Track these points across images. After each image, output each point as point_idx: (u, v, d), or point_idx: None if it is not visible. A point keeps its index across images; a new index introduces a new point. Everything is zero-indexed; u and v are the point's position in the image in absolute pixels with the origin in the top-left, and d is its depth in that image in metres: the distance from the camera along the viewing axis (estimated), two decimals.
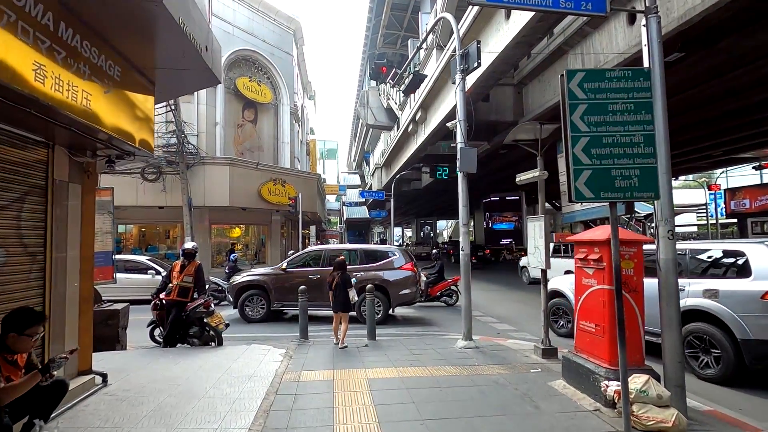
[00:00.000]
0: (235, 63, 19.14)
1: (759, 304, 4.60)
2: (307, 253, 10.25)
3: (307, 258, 9.92)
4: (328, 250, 10.08)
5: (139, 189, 15.36)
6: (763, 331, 4.53)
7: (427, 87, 16.24)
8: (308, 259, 9.89)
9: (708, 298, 4.99)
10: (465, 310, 6.50)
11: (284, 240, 24.67)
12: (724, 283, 5.00)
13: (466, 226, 6.69)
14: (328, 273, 8.37)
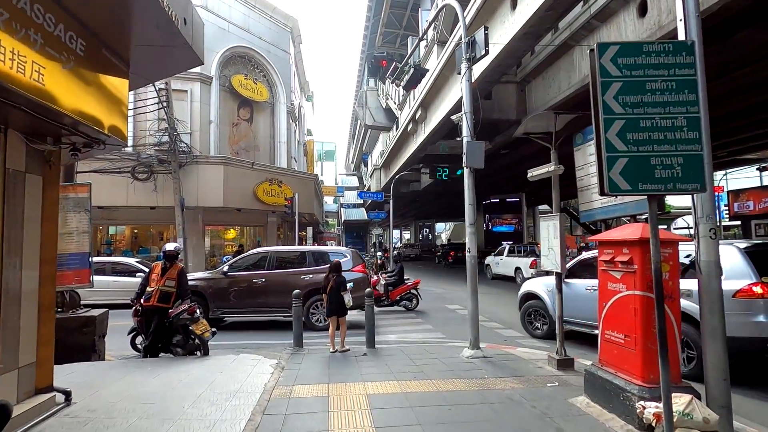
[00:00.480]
0: (230, 60, 18.68)
1: (731, 303, 4.55)
2: (251, 255, 9.54)
3: (252, 260, 9.18)
4: (275, 252, 9.50)
5: (130, 189, 14.83)
6: (736, 329, 4.43)
7: (428, 84, 15.80)
8: (253, 261, 9.15)
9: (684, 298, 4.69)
10: (472, 316, 6.01)
11: (281, 242, 24.15)
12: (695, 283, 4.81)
13: (472, 225, 6.21)
14: (279, 275, 8.49)
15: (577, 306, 6.38)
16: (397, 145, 23.52)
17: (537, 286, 7.61)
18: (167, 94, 14.48)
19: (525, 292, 7.89)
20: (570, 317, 6.75)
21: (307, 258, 9.12)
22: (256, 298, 8.52)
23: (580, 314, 6.39)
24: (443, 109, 14.99)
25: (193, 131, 16.91)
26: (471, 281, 6.08)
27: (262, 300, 8.55)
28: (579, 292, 6.48)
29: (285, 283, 8.52)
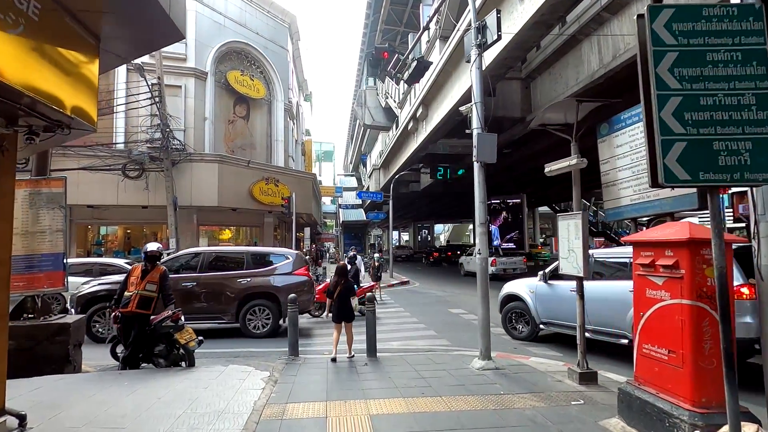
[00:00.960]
0: (226, 55, 18.18)
1: None
2: (182, 255, 8.69)
3: (181, 262, 8.32)
4: (209, 253, 8.68)
5: (120, 187, 14.29)
6: None
7: (429, 81, 15.33)
8: (182, 263, 8.28)
9: None
10: (482, 324, 5.52)
11: (278, 243, 23.61)
12: None
13: (483, 225, 5.71)
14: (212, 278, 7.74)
15: (562, 308, 6.35)
16: (397, 144, 23.04)
17: (519, 288, 7.52)
18: (160, 89, 13.97)
19: (506, 294, 7.77)
20: (554, 319, 6.73)
21: (245, 260, 8.37)
22: (185, 303, 7.38)
23: (565, 316, 6.31)
24: (446, 106, 14.52)
25: (187, 128, 16.38)
26: (482, 286, 5.59)
27: (192, 306, 7.66)
28: (563, 294, 6.35)
29: (219, 287, 7.94)
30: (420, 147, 18.68)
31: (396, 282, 18.43)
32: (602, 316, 5.74)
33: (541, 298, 6.99)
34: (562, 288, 6.47)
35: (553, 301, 6.73)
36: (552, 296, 6.74)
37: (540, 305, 7.00)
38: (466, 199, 35.03)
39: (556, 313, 6.68)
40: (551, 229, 58.09)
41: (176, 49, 16.30)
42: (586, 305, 5.62)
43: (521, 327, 7.51)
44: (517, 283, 7.78)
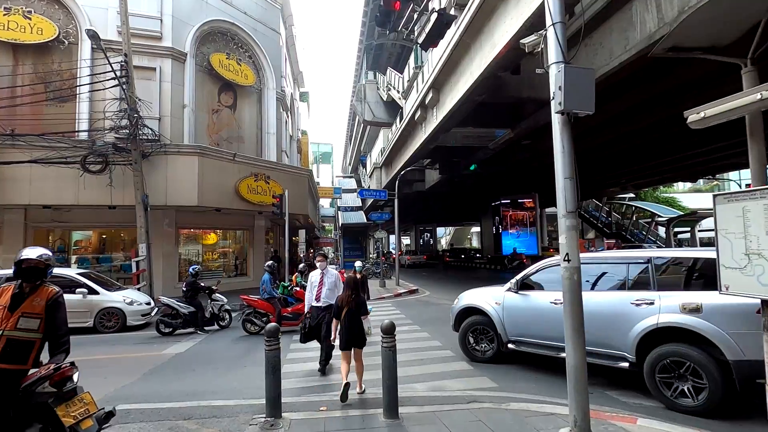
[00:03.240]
0: (209, 36, 16.08)
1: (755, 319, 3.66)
2: None
3: None
4: None
5: (80, 183, 12.12)
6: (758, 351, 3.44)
7: (442, 59, 13.25)
8: None
9: (688, 314, 4.29)
10: (575, 373, 3.38)
11: (271, 248, 21.44)
12: (707, 296, 4.21)
13: (572, 215, 3.56)
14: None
15: (539, 324, 5.60)
16: (401, 138, 20.95)
17: (480, 299, 6.48)
18: (126, 67, 11.85)
19: (464, 307, 6.68)
20: (527, 337, 5.79)
21: None
22: None
23: (542, 333, 5.57)
24: (462, 85, 12.43)
25: (162, 116, 14.23)
26: (572, 314, 3.45)
27: None
28: (539, 306, 5.60)
29: None
30: (429, 138, 16.58)
31: (404, 291, 16.27)
32: (595, 333, 4.72)
33: (510, 312, 5.98)
34: (538, 300, 5.68)
35: (525, 316, 5.80)
36: (525, 309, 5.81)
37: (509, 320, 5.99)
38: (472, 199, 33.04)
39: (529, 329, 5.75)
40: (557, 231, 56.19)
41: (149, 25, 14.22)
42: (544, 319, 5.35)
43: (484, 346, 6.35)
44: (477, 294, 6.69)
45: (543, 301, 5.59)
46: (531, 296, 5.82)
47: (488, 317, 6.23)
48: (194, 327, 9.44)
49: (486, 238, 35.77)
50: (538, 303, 5.66)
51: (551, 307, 5.34)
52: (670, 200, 44.15)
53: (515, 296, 5.97)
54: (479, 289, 7.15)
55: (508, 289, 6.10)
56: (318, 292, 5.95)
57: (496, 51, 9.83)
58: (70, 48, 13.71)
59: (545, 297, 5.57)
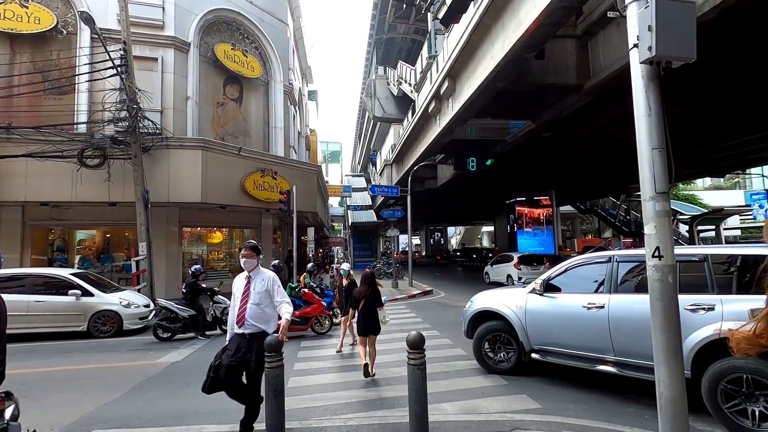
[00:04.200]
0: (213, 26, 15.41)
1: None
2: None
3: None
4: None
5: (76, 178, 11.49)
6: None
7: (459, 44, 12.39)
8: None
9: None
10: (670, 400, 2.53)
11: (280, 248, 20.75)
12: None
13: (663, 197, 2.69)
14: None
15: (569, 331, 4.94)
16: (413, 133, 20.11)
17: (498, 302, 5.76)
18: (126, 56, 11.20)
19: (479, 310, 5.93)
20: (555, 346, 5.08)
21: None
22: None
23: (574, 342, 4.90)
24: (482, 72, 11.56)
25: (164, 109, 13.58)
26: (666, 329, 2.59)
27: None
28: (570, 311, 4.93)
29: None
30: (443, 131, 15.72)
31: (417, 292, 15.44)
32: (640, 344, 4.06)
33: (534, 317, 5.28)
34: (568, 303, 4.99)
35: (553, 321, 5.10)
36: (552, 314, 5.12)
37: (533, 326, 5.28)
38: (486, 197, 31.98)
39: (558, 337, 5.05)
40: (570, 230, 54.77)
41: (150, 13, 13.58)
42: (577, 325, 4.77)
43: (502, 355, 5.64)
44: (495, 296, 6.02)
45: (574, 304, 4.89)
46: (559, 299, 5.11)
47: (508, 322, 5.51)
48: (195, 331, 8.73)
49: (500, 238, 34.69)
50: (569, 307, 4.95)
51: (584, 313, 4.71)
52: (690, 198, 42.63)
53: (540, 299, 5.24)
54: (496, 290, 6.55)
55: (531, 291, 5.41)
56: (241, 309, 3.69)
57: (522, 29, 8.95)
58: (68, 38, 13.12)
59: (577, 300, 4.89)
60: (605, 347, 4.61)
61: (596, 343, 4.67)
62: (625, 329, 4.43)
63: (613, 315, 4.56)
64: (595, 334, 4.68)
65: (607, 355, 4.61)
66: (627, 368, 4.44)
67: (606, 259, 5.00)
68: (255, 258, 3.82)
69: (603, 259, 5.06)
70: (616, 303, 4.59)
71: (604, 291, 4.81)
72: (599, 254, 5.30)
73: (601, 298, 4.75)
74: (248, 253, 3.80)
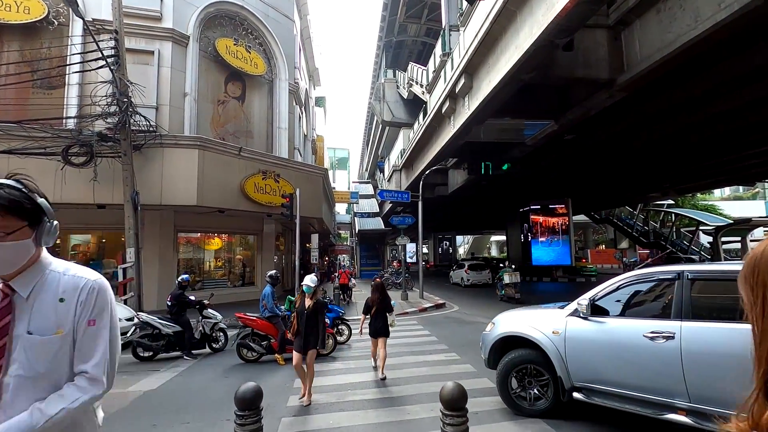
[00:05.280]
0: (215, 20, 14.58)
1: None
2: None
3: None
4: None
5: (58, 177, 10.56)
6: None
7: (478, 36, 11.38)
8: None
9: None
10: None
11: (284, 255, 19.73)
12: None
13: None
14: None
15: (625, 366, 3.90)
16: (425, 136, 19.08)
17: (527, 325, 4.75)
18: (117, 46, 10.33)
19: (503, 336, 4.92)
20: (605, 384, 4.03)
21: None
22: None
23: (631, 381, 3.84)
24: (504, 64, 10.52)
25: (160, 105, 12.69)
26: None
27: None
28: (626, 340, 3.91)
29: None
30: (458, 132, 14.66)
31: (429, 305, 14.28)
32: (720, 386, 3.23)
33: (576, 346, 4.29)
34: (622, 331, 4.00)
35: (602, 353, 4.09)
36: (601, 344, 4.12)
37: (574, 358, 4.29)
38: (499, 204, 30.76)
39: (609, 373, 4.04)
40: (583, 240, 53.18)
41: (148, 4, 12.76)
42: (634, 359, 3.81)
43: (534, 393, 4.62)
44: (523, 317, 4.97)
45: (632, 332, 3.91)
46: (611, 325, 4.12)
47: (540, 351, 4.52)
48: (180, 350, 7.68)
49: (513, 248, 33.42)
50: (624, 335, 3.97)
51: (646, 344, 3.76)
52: (709, 208, 41.03)
53: (584, 324, 4.26)
54: (522, 310, 5.56)
55: (572, 313, 4.42)
56: None
57: (556, 10, 7.90)
58: (60, 29, 12.33)
59: (635, 327, 3.93)
60: (676, 390, 3.58)
61: (663, 383, 3.67)
62: (706, 367, 3.46)
63: (688, 348, 3.54)
64: (662, 371, 3.66)
65: (679, 400, 3.58)
66: (707, 420, 3.42)
67: (673, 276, 3.95)
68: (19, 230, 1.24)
69: (669, 275, 4.02)
70: (691, 332, 3.59)
71: (673, 316, 3.77)
72: (663, 269, 4.22)
73: (669, 325, 3.72)
74: None
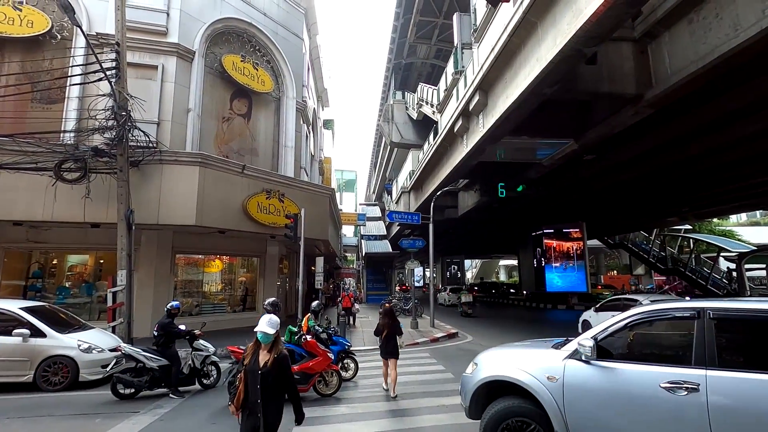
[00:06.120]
0: (222, 36, 14.28)
1: None
2: None
3: None
4: None
5: (54, 194, 9.97)
6: None
7: (495, 51, 10.85)
8: None
9: None
10: None
11: (288, 279, 18.93)
12: None
13: None
14: None
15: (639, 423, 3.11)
16: (435, 156, 18.49)
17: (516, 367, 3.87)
18: (118, 59, 9.90)
19: (488, 380, 4.01)
20: None
21: None
22: None
23: None
24: (523, 79, 9.91)
25: (162, 121, 12.22)
26: None
27: None
28: (637, 392, 3.15)
29: None
30: (472, 152, 14.01)
31: (441, 335, 13.29)
32: None
33: (578, 396, 3.44)
34: (632, 379, 3.21)
35: (610, 406, 3.28)
36: (608, 395, 3.29)
37: (575, 410, 3.44)
38: (510, 227, 29.81)
39: (618, 430, 3.22)
40: (596, 265, 51.66)
41: (154, 19, 12.47)
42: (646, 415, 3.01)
43: None
44: (511, 357, 4.14)
45: (644, 381, 3.18)
46: (619, 371, 3.33)
47: (535, 402, 3.66)
48: (166, 387, 6.83)
49: (525, 272, 32.30)
50: (636, 385, 3.22)
51: (664, 397, 3.04)
52: (728, 233, 39.68)
53: (587, 370, 3.47)
54: (510, 348, 4.60)
55: (571, 355, 3.62)
56: None
57: (584, 17, 7.30)
58: (63, 43, 12.03)
59: (648, 375, 3.18)
60: None
61: None
62: (740, 427, 2.81)
63: (716, 403, 2.86)
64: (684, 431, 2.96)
65: None
66: None
67: (692, 313, 3.21)
68: None
69: (686, 313, 3.26)
70: (718, 384, 2.91)
71: (695, 363, 3.05)
72: (679, 305, 3.42)
73: (691, 374, 3.00)
74: None
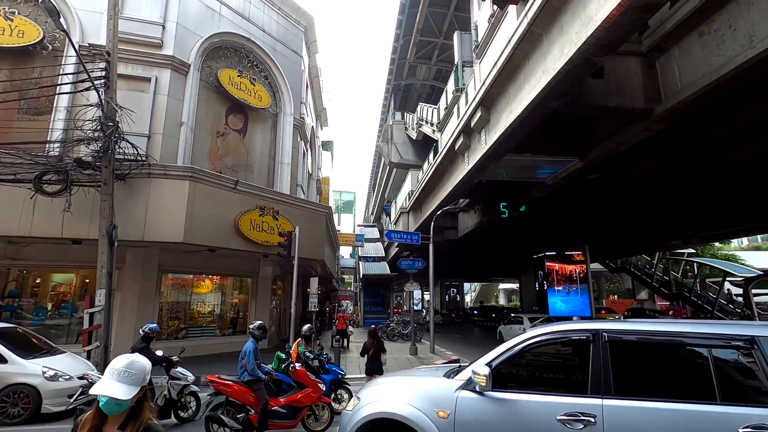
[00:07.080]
0: (219, 50, 14.03)
1: None
2: None
3: None
4: None
5: (27, 207, 9.40)
6: None
7: (497, 65, 10.54)
8: None
9: None
10: None
11: (282, 301, 18.17)
12: None
13: None
14: None
15: None
16: (435, 176, 18.08)
17: (403, 401, 3.42)
18: (108, 68, 9.54)
19: (372, 418, 3.49)
20: None
21: None
22: None
23: None
24: (527, 93, 9.55)
25: (153, 134, 11.77)
26: None
27: None
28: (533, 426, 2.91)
29: None
30: (473, 170, 13.58)
31: (442, 361, 12.49)
32: None
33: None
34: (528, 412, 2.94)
35: None
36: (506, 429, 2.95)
37: None
38: (511, 250, 29.23)
39: None
40: (597, 290, 50.77)
41: (149, 31, 12.21)
42: None
43: None
44: (397, 389, 3.65)
45: (540, 413, 2.91)
46: (513, 403, 3.05)
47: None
48: None
49: (526, 296, 31.53)
50: (532, 419, 2.94)
51: (560, 431, 2.76)
52: (731, 257, 39.13)
53: (481, 403, 3.14)
54: (402, 376, 4.18)
55: (464, 386, 3.27)
56: None
57: (595, 23, 6.95)
58: (54, 54, 11.70)
59: (544, 406, 2.92)
60: None
61: None
62: None
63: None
64: None
65: None
66: None
67: (588, 336, 2.91)
68: None
69: (582, 336, 2.96)
70: (615, 414, 2.64)
71: (591, 391, 2.76)
72: (574, 327, 3.09)
73: (587, 404, 2.74)
74: None
